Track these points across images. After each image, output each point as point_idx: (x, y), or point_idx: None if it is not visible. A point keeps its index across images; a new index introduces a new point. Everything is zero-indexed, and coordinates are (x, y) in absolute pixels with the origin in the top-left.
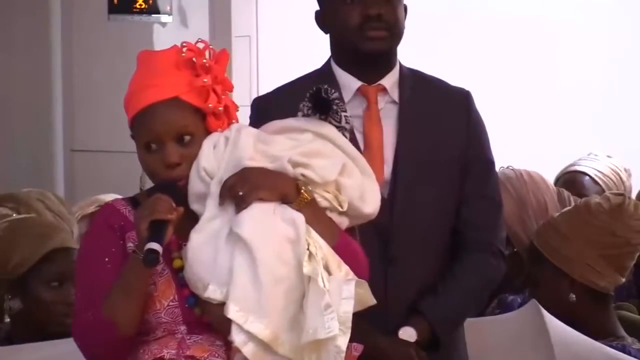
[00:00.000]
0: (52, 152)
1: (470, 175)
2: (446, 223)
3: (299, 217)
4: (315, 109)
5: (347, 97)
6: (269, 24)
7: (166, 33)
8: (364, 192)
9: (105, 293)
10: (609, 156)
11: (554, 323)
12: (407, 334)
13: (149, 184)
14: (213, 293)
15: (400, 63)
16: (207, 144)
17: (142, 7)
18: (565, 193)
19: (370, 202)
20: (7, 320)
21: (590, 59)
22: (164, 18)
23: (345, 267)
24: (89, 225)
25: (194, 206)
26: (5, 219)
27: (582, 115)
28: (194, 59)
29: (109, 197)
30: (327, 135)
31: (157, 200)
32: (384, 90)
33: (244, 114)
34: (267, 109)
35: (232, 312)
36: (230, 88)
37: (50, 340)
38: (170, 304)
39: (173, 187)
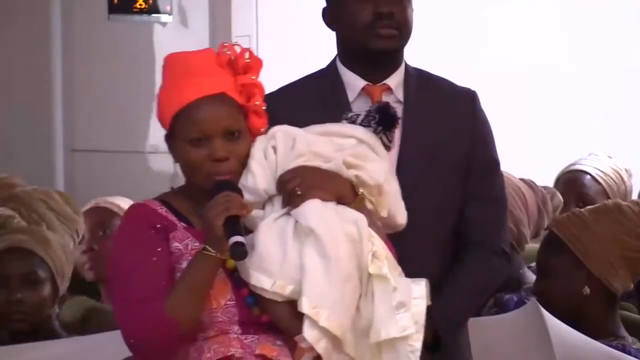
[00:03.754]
0: (52, 152)
1: (475, 175)
2: (450, 223)
3: (362, 218)
4: (380, 122)
5: (351, 96)
6: (269, 24)
7: (166, 33)
8: (398, 202)
9: (159, 291)
10: (609, 157)
11: (554, 323)
12: None
13: (179, 184)
14: (281, 289)
15: (405, 63)
16: (255, 165)
17: (142, 7)
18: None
19: (402, 213)
20: None
21: (593, 61)
22: (164, 18)
23: (399, 268)
24: (122, 224)
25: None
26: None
27: (584, 116)
28: (234, 58)
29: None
30: (370, 143)
31: (228, 197)
32: (388, 89)
33: None
34: (272, 108)
35: (307, 307)
36: (263, 90)
37: (50, 340)
38: (228, 302)
39: (233, 184)
